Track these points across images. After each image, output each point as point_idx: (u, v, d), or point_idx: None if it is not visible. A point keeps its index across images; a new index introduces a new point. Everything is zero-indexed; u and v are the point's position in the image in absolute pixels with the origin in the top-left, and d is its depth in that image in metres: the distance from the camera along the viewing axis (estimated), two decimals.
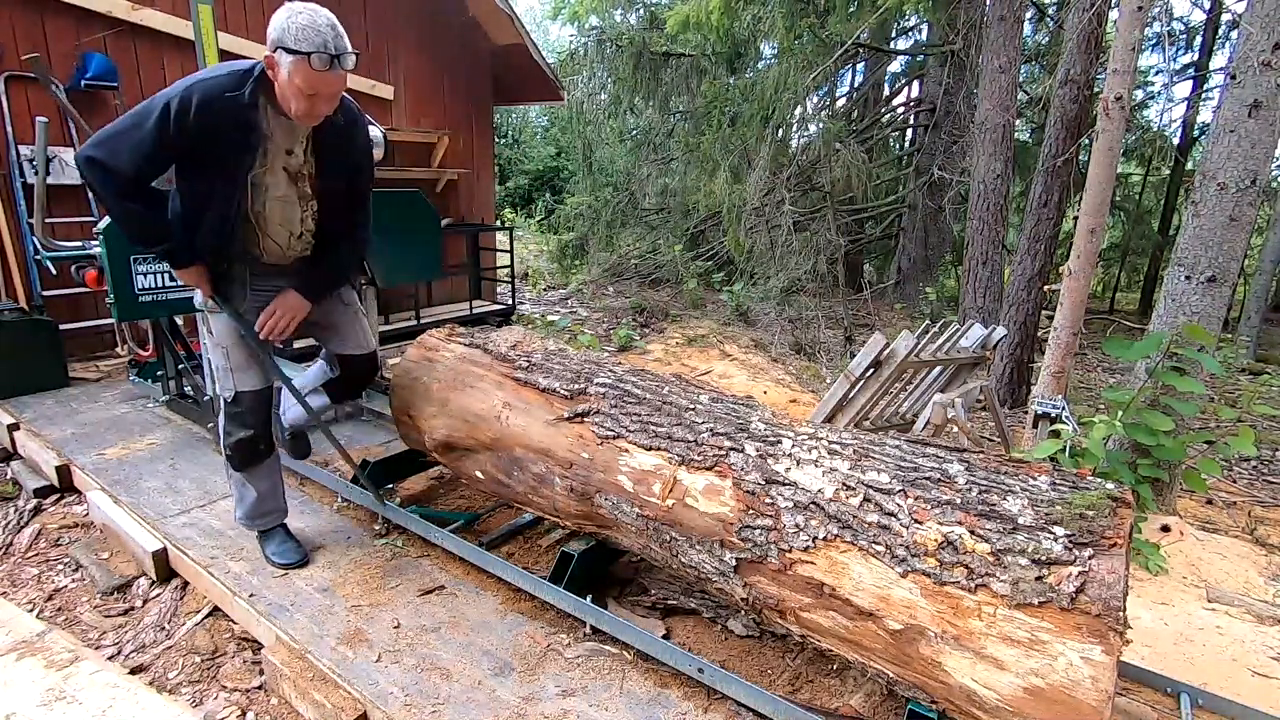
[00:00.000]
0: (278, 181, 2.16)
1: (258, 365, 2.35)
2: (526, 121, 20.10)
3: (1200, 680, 2.18)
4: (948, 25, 9.35)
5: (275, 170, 2.14)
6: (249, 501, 2.51)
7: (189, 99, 1.93)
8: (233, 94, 1.97)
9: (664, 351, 7.51)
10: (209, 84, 1.97)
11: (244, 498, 2.51)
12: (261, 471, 2.48)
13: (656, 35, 10.23)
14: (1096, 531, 1.42)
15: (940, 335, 4.28)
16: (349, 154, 2.25)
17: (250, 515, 2.54)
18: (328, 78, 1.91)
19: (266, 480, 2.51)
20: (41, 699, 1.98)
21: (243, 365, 2.33)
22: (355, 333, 2.57)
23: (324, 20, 1.89)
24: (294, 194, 2.21)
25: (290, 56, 1.86)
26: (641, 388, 2.27)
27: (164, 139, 1.95)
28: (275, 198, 2.18)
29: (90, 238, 4.05)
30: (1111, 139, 3.22)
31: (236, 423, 2.37)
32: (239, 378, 2.33)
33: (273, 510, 2.58)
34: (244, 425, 2.37)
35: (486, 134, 8.00)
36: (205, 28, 3.32)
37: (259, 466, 2.46)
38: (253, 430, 2.38)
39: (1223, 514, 4.68)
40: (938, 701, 1.61)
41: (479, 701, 1.94)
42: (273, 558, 2.53)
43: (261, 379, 2.38)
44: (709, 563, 1.92)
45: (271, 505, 2.56)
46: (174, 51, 5.23)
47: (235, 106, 1.98)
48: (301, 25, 1.85)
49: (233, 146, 2.02)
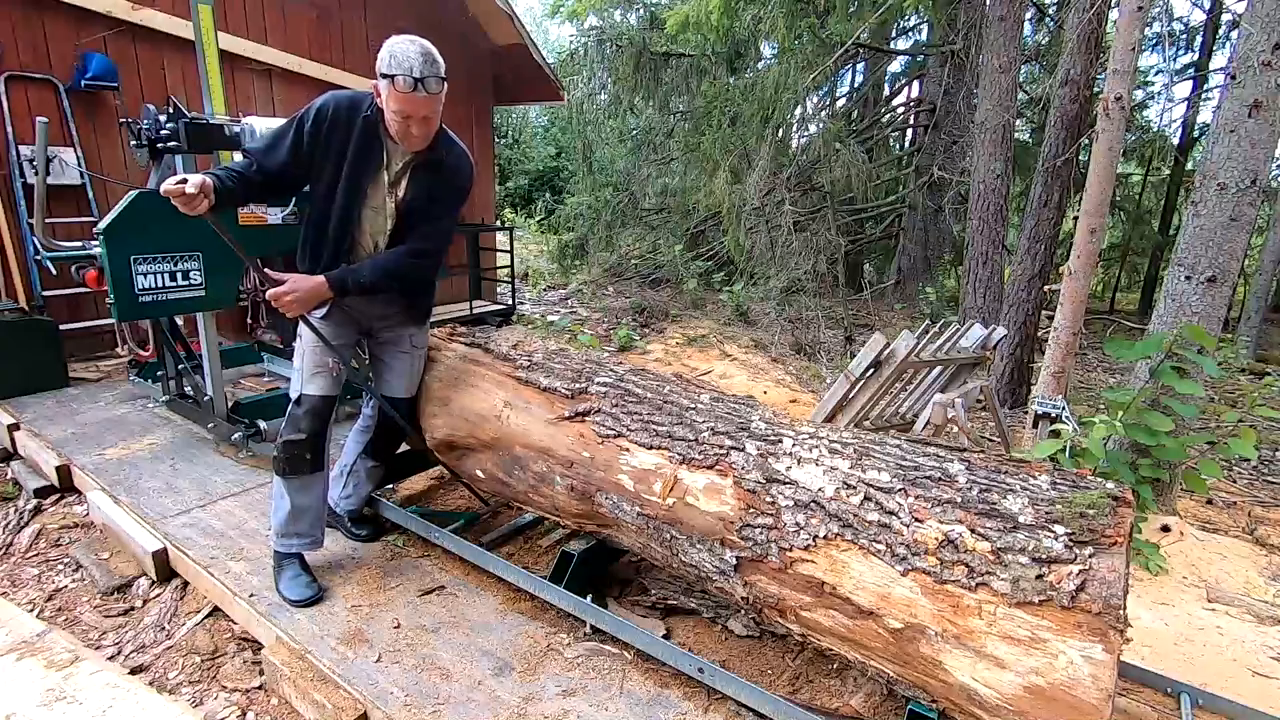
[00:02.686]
0: (376, 191, 2.33)
1: (328, 373, 2.43)
2: (526, 121, 20.10)
3: (1200, 680, 2.18)
4: (948, 25, 9.35)
5: (379, 182, 2.32)
6: (282, 513, 2.41)
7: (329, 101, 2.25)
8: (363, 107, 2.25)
9: (664, 352, 7.51)
10: (344, 95, 2.29)
11: (279, 508, 2.43)
12: (302, 485, 2.41)
13: (656, 35, 10.22)
14: (1097, 530, 1.42)
15: (940, 335, 4.28)
16: (438, 185, 2.38)
17: (279, 530, 2.43)
18: (413, 99, 2.07)
19: (305, 497, 2.43)
20: (41, 699, 1.98)
21: (313, 369, 2.41)
22: (405, 375, 2.63)
23: (416, 49, 2.07)
24: (383, 205, 2.35)
25: (383, 81, 2.08)
26: (643, 387, 2.27)
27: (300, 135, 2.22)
28: (371, 206, 2.34)
29: (90, 238, 4.06)
30: (1111, 139, 3.21)
31: (292, 424, 2.41)
32: (308, 381, 2.41)
33: (303, 534, 2.45)
34: (298, 428, 2.39)
35: (486, 134, 8.00)
36: (205, 28, 3.33)
37: (301, 478, 2.40)
38: (304, 435, 2.38)
39: (1223, 514, 4.68)
40: (938, 701, 1.61)
41: (479, 701, 1.93)
42: (282, 590, 2.40)
43: (330, 387, 2.43)
44: (709, 561, 1.92)
45: (302, 527, 2.44)
46: (174, 51, 5.24)
47: (364, 117, 2.24)
48: (394, 53, 2.06)
49: (359, 152, 2.25)
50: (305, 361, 2.41)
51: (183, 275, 3.20)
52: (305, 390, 2.41)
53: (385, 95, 2.10)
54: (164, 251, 3.12)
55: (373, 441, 2.73)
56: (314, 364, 2.40)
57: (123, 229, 3.02)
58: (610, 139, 12.61)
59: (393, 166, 2.30)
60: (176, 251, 3.16)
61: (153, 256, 3.11)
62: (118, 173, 5.02)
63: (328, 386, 2.42)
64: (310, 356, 2.40)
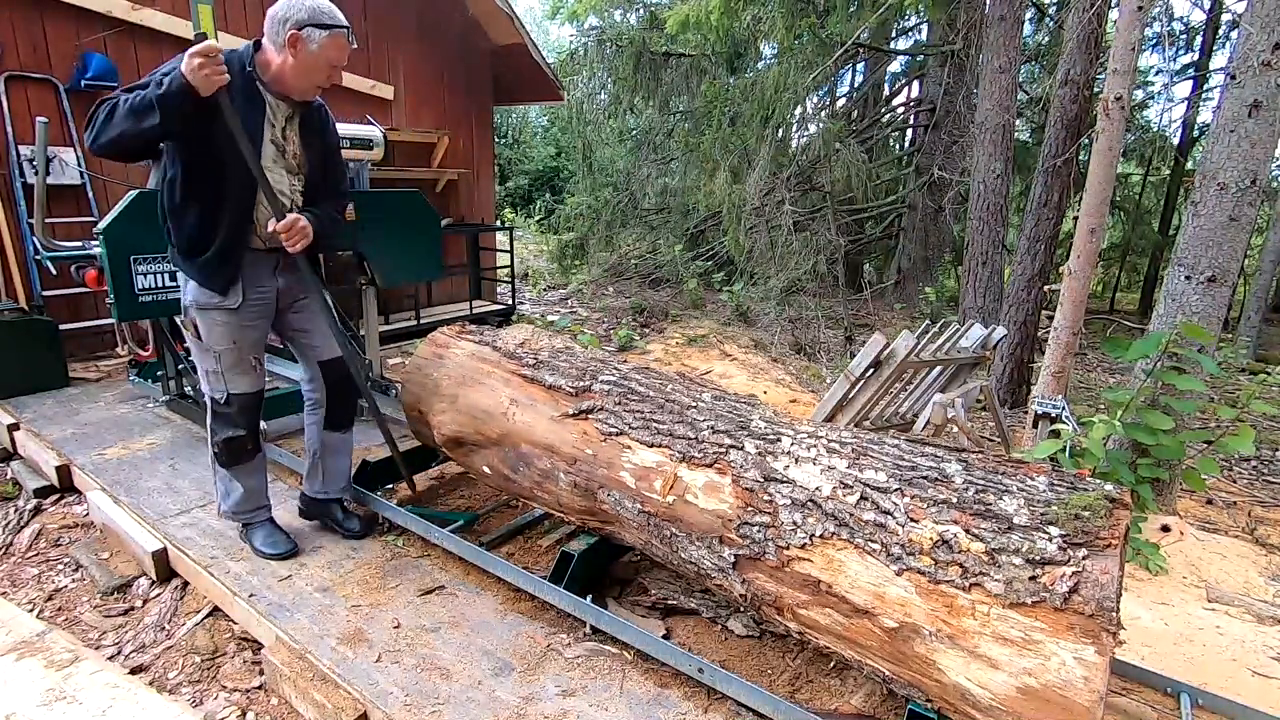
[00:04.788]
0: (267, 154, 2.25)
1: (249, 368, 2.41)
2: (526, 121, 20.10)
3: (1200, 680, 2.18)
4: (948, 25, 9.35)
5: (266, 143, 2.25)
6: (235, 497, 2.56)
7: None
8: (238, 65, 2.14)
9: (664, 352, 7.52)
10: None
11: (230, 492, 2.56)
12: (248, 469, 2.54)
13: (656, 35, 10.23)
14: (1091, 532, 1.42)
15: (940, 335, 4.29)
16: (325, 134, 2.42)
17: (236, 510, 2.59)
18: (346, 47, 2.18)
19: (253, 477, 2.57)
20: (41, 699, 1.98)
21: (234, 367, 2.38)
22: (331, 332, 2.55)
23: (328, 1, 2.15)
24: (281, 167, 2.30)
25: (324, 32, 2.11)
26: (645, 385, 2.28)
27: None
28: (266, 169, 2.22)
29: (90, 238, 4.06)
30: (1111, 139, 3.22)
31: (226, 423, 2.43)
32: (231, 380, 2.39)
33: (259, 506, 2.63)
34: (233, 425, 2.44)
35: (486, 134, 8.01)
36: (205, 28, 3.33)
37: (246, 464, 2.52)
38: (242, 431, 2.45)
39: (1223, 514, 4.68)
40: (933, 700, 1.61)
41: (479, 701, 1.94)
42: (262, 549, 2.57)
43: (256, 381, 2.45)
44: (708, 559, 1.92)
45: (257, 502, 2.62)
46: (174, 51, 5.12)
47: (244, 77, 2.15)
48: (325, 7, 2.11)
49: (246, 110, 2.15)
50: (222, 363, 2.35)
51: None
52: (233, 390, 2.38)
53: (320, 46, 2.11)
54: (164, 251, 3.13)
55: (328, 415, 2.66)
56: (233, 362, 2.36)
57: (123, 229, 3.03)
58: (610, 139, 12.61)
59: (278, 121, 2.26)
60: None
61: (153, 256, 3.12)
62: (118, 173, 5.03)
63: (254, 382, 2.44)
64: (228, 357, 2.35)
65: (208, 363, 2.37)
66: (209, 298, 2.28)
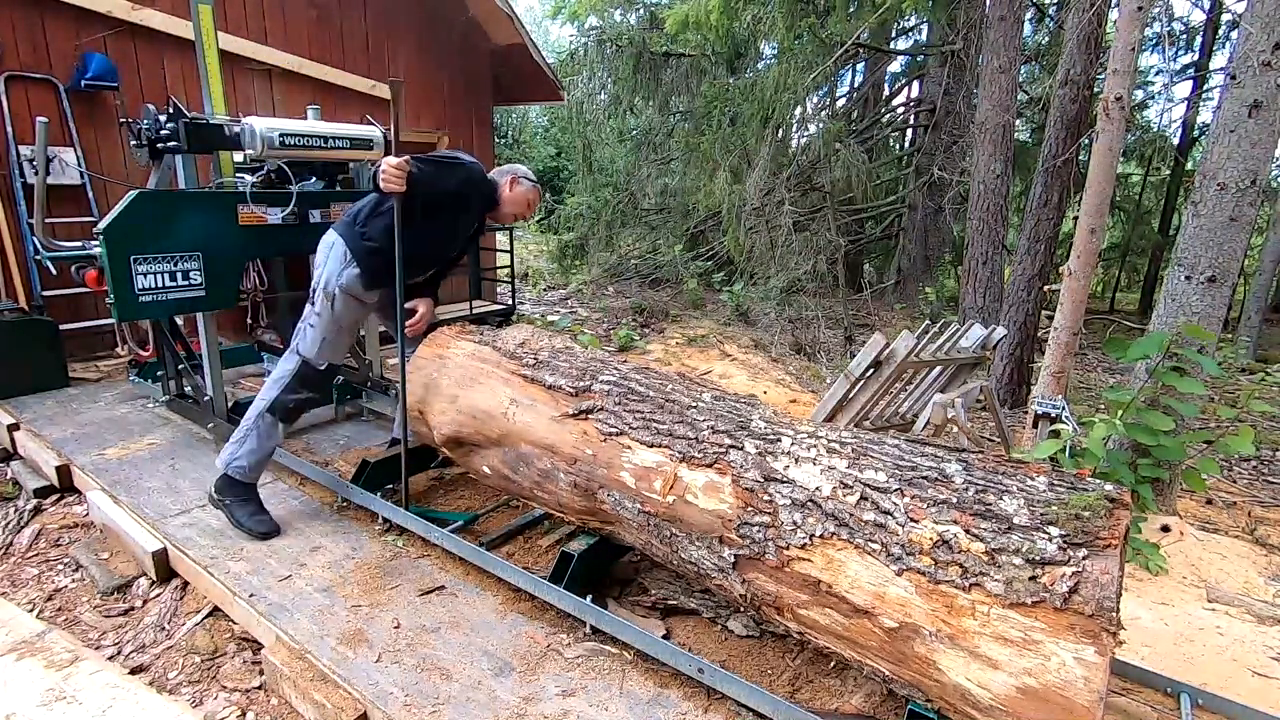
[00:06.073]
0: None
1: (345, 348, 2.95)
2: (526, 121, 20.12)
3: (1200, 680, 2.18)
4: (948, 25, 9.36)
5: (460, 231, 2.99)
6: (261, 454, 2.75)
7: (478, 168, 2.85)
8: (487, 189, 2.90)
9: (664, 352, 7.52)
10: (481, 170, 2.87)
11: (261, 449, 2.75)
12: (281, 434, 2.85)
13: (656, 35, 10.23)
14: (1091, 532, 1.42)
15: (940, 335, 4.29)
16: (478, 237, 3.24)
17: (249, 467, 2.74)
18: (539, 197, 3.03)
19: (275, 445, 2.83)
20: (41, 699, 1.98)
21: (339, 342, 2.86)
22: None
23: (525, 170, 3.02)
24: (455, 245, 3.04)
25: (530, 185, 2.94)
26: (645, 385, 2.28)
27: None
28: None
29: (90, 238, 4.06)
30: (1111, 139, 3.22)
31: (309, 385, 2.82)
32: (334, 351, 2.84)
33: (257, 479, 2.84)
34: (312, 388, 2.84)
35: (486, 134, 8.01)
36: (205, 28, 3.33)
37: (285, 428, 2.86)
38: (315, 395, 2.90)
39: (1223, 514, 4.69)
40: (933, 700, 1.61)
41: (479, 701, 1.94)
42: (248, 525, 2.72)
43: (341, 358, 2.98)
44: (708, 559, 1.92)
45: (260, 472, 2.83)
46: (174, 51, 5.24)
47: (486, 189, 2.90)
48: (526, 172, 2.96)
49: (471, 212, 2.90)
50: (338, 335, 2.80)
51: (183, 275, 3.21)
52: (332, 360, 2.83)
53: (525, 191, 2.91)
54: (164, 251, 3.13)
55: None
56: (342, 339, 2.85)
57: (123, 229, 3.03)
58: (610, 139, 12.61)
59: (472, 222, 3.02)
60: (176, 251, 3.17)
61: (153, 256, 3.11)
62: (118, 173, 5.03)
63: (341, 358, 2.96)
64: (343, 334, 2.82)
65: (328, 332, 2.78)
66: (360, 288, 2.77)
